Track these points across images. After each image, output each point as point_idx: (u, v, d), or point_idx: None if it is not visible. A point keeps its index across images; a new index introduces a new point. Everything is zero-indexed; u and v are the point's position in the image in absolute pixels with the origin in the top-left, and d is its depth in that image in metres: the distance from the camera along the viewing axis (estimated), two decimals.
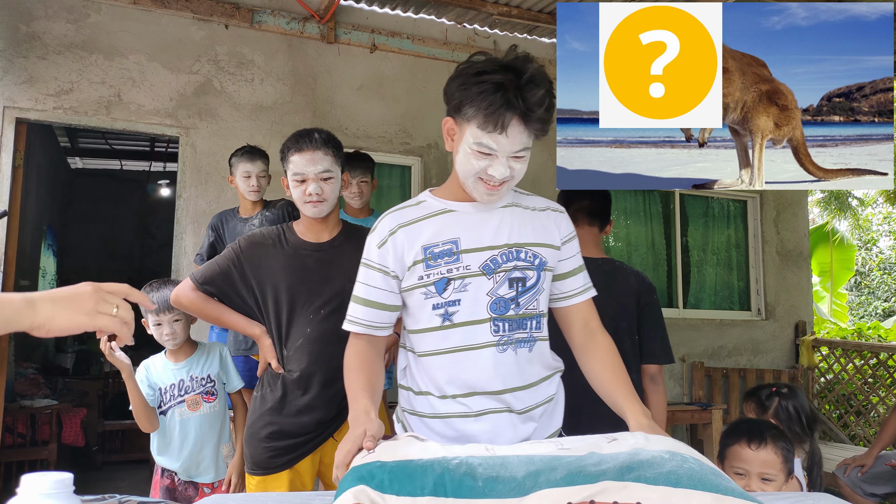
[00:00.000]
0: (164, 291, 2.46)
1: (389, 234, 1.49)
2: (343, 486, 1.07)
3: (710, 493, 1.00)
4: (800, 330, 5.88)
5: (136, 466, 5.60)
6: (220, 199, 4.09)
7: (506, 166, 1.39)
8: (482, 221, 1.48)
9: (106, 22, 3.97)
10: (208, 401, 2.55)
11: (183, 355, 2.56)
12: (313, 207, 1.98)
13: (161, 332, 2.48)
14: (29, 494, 0.87)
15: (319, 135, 2.00)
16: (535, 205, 1.56)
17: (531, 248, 1.48)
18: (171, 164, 7.94)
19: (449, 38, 4.86)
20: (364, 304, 1.51)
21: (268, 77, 4.32)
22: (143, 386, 2.50)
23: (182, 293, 2.10)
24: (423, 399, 1.52)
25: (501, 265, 1.45)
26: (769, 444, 1.90)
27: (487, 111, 1.34)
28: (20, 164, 3.80)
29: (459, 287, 1.44)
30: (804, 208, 6.25)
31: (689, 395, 5.37)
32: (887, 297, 13.13)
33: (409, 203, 1.57)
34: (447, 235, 1.47)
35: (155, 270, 9.06)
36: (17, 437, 4.60)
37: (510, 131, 1.35)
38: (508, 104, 1.33)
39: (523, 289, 1.47)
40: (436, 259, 1.45)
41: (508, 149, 1.37)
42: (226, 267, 2.04)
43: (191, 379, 2.55)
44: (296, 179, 1.98)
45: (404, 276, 1.48)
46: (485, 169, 1.40)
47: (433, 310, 1.46)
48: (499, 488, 1.03)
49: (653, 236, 5.69)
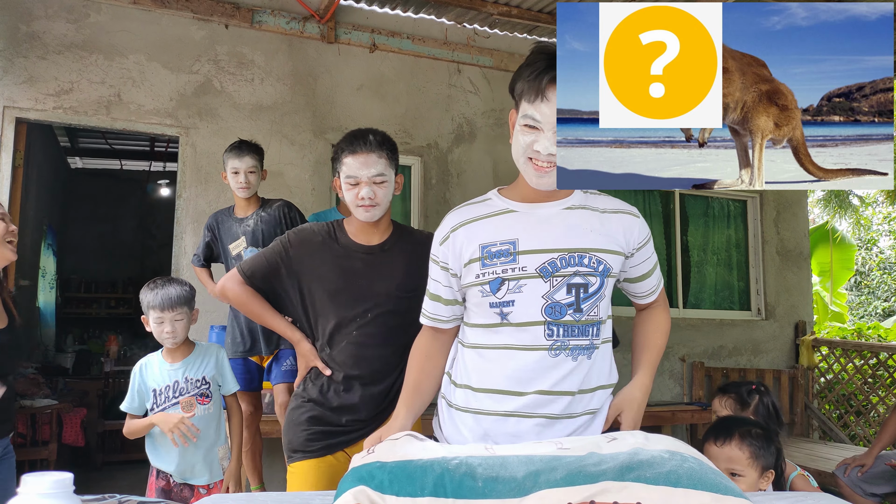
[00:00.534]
0: (168, 289, 2.45)
1: (451, 230, 1.52)
2: (343, 486, 1.07)
3: (709, 492, 1.00)
4: (800, 330, 5.88)
5: (136, 466, 5.59)
6: (220, 199, 4.08)
7: (552, 141, 1.38)
8: (544, 223, 1.47)
9: (106, 22, 3.97)
10: (203, 403, 2.51)
11: (180, 355, 2.52)
12: (366, 212, 1.91)
13: (161, 330, 2.44)
14: (29, 494, 0.87)
15: (374, 137, 1.94)
16: (605, 206, 1.55)
17: (595, 253, 1.46)
18: (171, 164, 7.94)
19: (449, 38, 4.86)
20: (429, 298, 1.59)
21: (268, 77, 4.31)
22: (132, 388, 2.48)
23: (229, 286, 2.04)
24: (461, 392, 1.52)
25: (560, 269, 1.44)
26: (734, 440, 1.93)
27: (529, 78, 1.39)
28: (20, 164, 3.80)
29: (514, 288, 1.43)
30: (804, 208, 6.25)
31: (690, 395, 5.37)
32: (887, 296, 13.12)
33: (475, 200, 1.58)
34: (506, 235, 1.46)
35: (155, 270, 9.05)
36: (17, 437, 4.59)
37: (552, 99, 1.36)
38: (550, 68, 1.36)
39: (585, 295, 1.45)
40: (492, 258, 1.45)
41: (552, 119, 1.37)
42: (273, 261, 1.99)
43: (186, 380, 2.50)
44: (348, 182, 1.92)
45: (462, 274, 1.50)
46: (531, 145, 1.40)
47: (490, 308, 1.47)
48: (499, 488, 1.03)
49: (653, 236, 5.68)
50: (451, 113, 4.84)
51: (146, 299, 2.46)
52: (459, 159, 4.83)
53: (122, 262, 9.13)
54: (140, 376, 2.51)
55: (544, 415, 1.44)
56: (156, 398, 2.48)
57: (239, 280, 2.02)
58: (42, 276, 7.03)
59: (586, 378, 1.48)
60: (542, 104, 1.37)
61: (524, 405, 1.44)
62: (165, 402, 2.47)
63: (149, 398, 2.49)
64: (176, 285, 2.49)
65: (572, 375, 1.45)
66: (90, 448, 5.67)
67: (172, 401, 2.48)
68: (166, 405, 2.47)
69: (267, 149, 4.32)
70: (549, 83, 1.36)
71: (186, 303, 2.49)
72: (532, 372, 1.43)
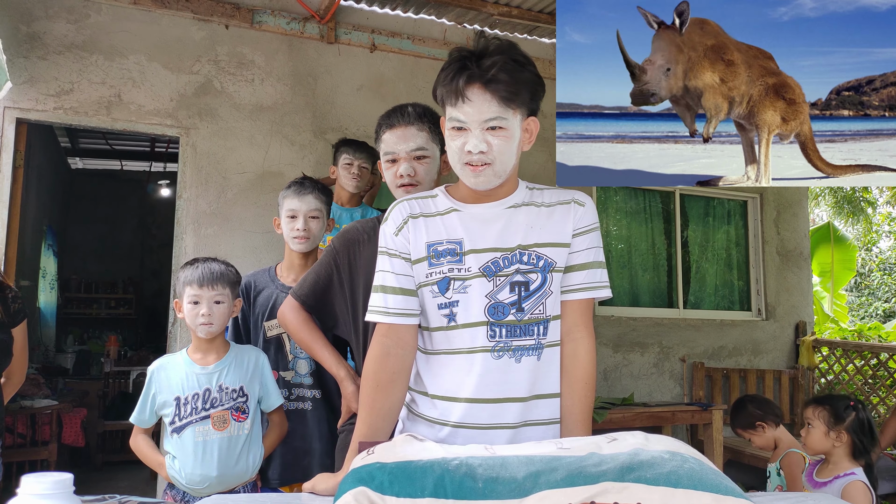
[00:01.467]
0: (211, 264, 2.09)
1: (403, 222, 1.48)
2: (343, 487, 1.07)
3: (710, 493, 1.00)
4: (800, 330, 5.88)
5: (136, 466, 5.59)
6: (220, 200, 4.09)
7: (480, 139, 1.36)
8: (488, 222, 1.45)
9: (106, 22, 3.97)
10: (239, 420, 2.02)
11: (214, 356, 2.06)
12: (405, 192, 1.72)
13: (196, 313, 2.02)
14: (29, 494, 0.86)
15: (414, 109, 1.76)
16: (549, 200, 1.49)
17: (536, 249, 1.44)
18: (171, 165, 7.94)
19: (449, 38, 4.86)
20: (393, 293, 1.45)
21: (268, 77, 4.31)
22: (145, 395, 2.05)
23: (287, 310, 1.92)
24: (419, 396, 1.50)
25: (503, 268, 1.42)
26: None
27: (447, 83, 1.37)
28: (20, 164, 3.80)
29: (460, 288, 1.42)
30: (804, 208, 6.24)
31: (690, 395, 5.36)
32: (888, 297, 13.12)
33: (422, 195, 1.54)
34: (452, 235, 1.44)
35: (155, 270, 9.06)
36: (17, 437, 4.59)
37: (473, 98, 1.35)
38: (463, 69, 1.35)
39: (527, 293, 1.42)
40: (438, 258, 1.43)
41: (477, 117, 1.36)
42: (326, 275, 1.84)
43: (219, 389, 2.02)
44: (387, 159, 1.75)
45: (414, 270, 1.46)
46: (462, 147, 1.38)
47: (439, 309, 1.44)
48: (499, 489, 1.03)
49: (653, 236, 5.68)
50: None
51: (182, 275, 2.08)
52: None
53: (122, 263, 9.14)
54: (157, 380, 2.06)
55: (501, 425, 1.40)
56: (179, 409, 2.00)
57: (294, 305, 1.90)
58: (42, 277, 7.03)
59: (538, 382, 1.43)
60: (464, 105, 1.35)
61: (470, 411, 1.40)
62: (192, 415, 1.98)
63: (169, 407, 2.02)
64: (220, 263, 2.11)
65: (518, 378, 1.41)
66: (90, 448, 5.68)
67: (201, 413, 1.99)
68: (192, 419, 1.98)
69: (267, 149, 4.32)
70: (467, 83, 1.35)
71: (229, 283, 2.08)
72: (470, 376, 1.40)
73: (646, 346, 5.29)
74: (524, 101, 1.39)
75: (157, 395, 2.04)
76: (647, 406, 4.38)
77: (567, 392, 1.47)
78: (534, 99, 1.42)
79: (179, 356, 2.09)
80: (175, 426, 2.00)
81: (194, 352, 2.07)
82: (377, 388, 1.43)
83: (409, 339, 1.46)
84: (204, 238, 4.01)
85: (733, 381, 5.53)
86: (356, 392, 1.80)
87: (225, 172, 4.11)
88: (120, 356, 6.83)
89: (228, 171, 4.12)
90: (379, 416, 1.43)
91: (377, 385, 1.43)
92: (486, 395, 1.41)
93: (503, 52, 1.36)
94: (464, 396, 1.42)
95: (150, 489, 4.49)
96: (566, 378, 1.47)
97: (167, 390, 2.03)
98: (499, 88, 1.34)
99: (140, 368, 6.29)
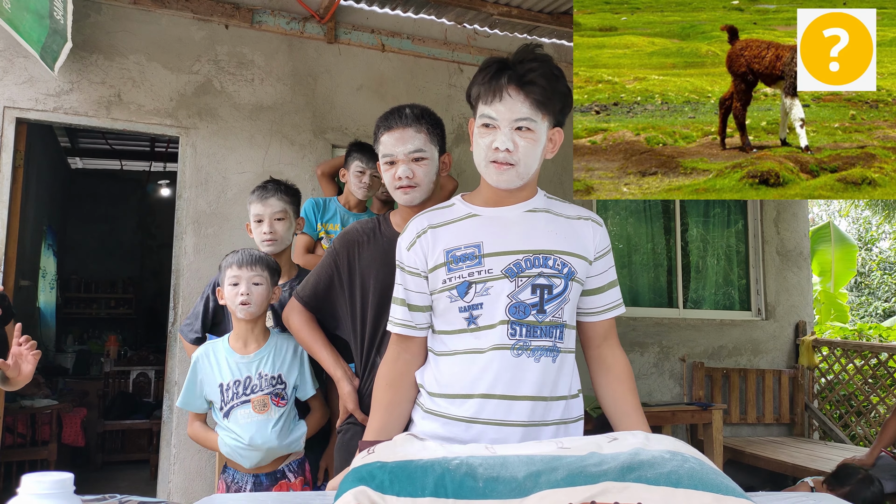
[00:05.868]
0: (252, 251, 2.22)
1: (417, 236, 1.51)
2: (343, 486, 1.07)
3: (710, 493, 1.00)
4: (800, 330, 5.88)
5: (136, 466, 5.61)
6: (220, 200, 4.08)
7: (508, 137, 1.40)
8: (508, 226, 1.48)
9: (106, 22, 3.97)
10: (279, 405, 2.12)
11: (254, 345, 2.15)
12: (404, 194, 1.75)
13: (236, 293, 2.10)
14: (29, 494, 0.86)
15: (412, 110, 1.79)
16: (568, 212, 1.54)
17: (560, 255, 1.46)
18: (171, 165, 7.94)
19: (449, 38, 4.86)
20: (401, 305, 1.54)
21: (268, 77, 4.31)
22: (190, 382, 2.13)
23: (290, 311, 1.96)
24: (431, 394, 1.51)
25: (525, 270, 1.43)
26: None
27: (484, 81, 1.42)
28: (20, 164, 3.80)
29: (482, 291, 1.43)
30: (804, 208, 6.25)
31: (690, 395, 5.37)
32: (887, 297, 13.12)
33: (439, 206, 1.58)
34: (470, 239, 1.46)
35: (155, 270, 9.06)
36: (17, 437, 4.60)
37: (507, 97, 1.39)
38: (502, 70, 1.41)
39: (550, 296, 1.44)
40: (457, 262, 1.45)
41: (508, 116, 1.40)
42: (327, 275, 1.86)
43: (259, 376, 2.12)
44: (385, 161, 1.76)
45: (430, 279, 1.49)
46: (490, 144, 1.43)
47: (459, 312, 1.46)
48: (499, 489, 1.03)
49: (653, 236, 5.69)
50: (452, 113, 4.83)
51: (224, 261, 2.20)
52: (459, 159, 4.82)
53: (122, 262, 9.13)
54: (202, 367, 2.15)
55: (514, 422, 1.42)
56: (223, 394, 2.11)
57: (297, 307, 1.94)
58: (42, 277, 7.03)
59: (553, 383, 1.46)
60: (499, 103, 1.40)
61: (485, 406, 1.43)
62: (234, 400, 2.11)
63: (214, 393, 2.13)
64: (257, 251, 2.25)
65: (535, 377, 1.43)
66: (90, 448, 5.68)
67: (242, 398, 2.10)
68: (234, 403, 2.10)
69: (267, 149, 4.32)
70: (509, 83, 1.40)
71: (268, 268, 2.18)
72: (492, 373, 1.42)
73: (646, 345, 5.29)
74: (554, 109, 1.44)
75: (203, 382, 2.15)
76: (647, 406, 4.38)
77: (616, 385, 1.55)
78: (562, 111, 1.48)
79: (221, 343, 2.19)
80: (222, 410, 2.13)
81: (235, 340, 2.17)
82: (388, 387, 1.55)
83: (415, 348, 1.56)
84: (204, 238, 4.01)
85: (733, 381, 5.54)
86: (352, 392, 1.85)
87: (225, 172, 4.11)
88: (120, 356, 6.83)
89: (228, 171, 4.12)
90: (387, 412, 1.54)
91: (389, 384, 1.55)
92: (502, 392, 1.43)
93: (543, 62, 1.42)
94: (479, 392, 1.44)
95: (150, 489, 4.49)
96: (610, 375, 1.56)
97: (210, 378, 2.14)
98: (534, 90, 1.39)
99: (140, 368, 6.30)
